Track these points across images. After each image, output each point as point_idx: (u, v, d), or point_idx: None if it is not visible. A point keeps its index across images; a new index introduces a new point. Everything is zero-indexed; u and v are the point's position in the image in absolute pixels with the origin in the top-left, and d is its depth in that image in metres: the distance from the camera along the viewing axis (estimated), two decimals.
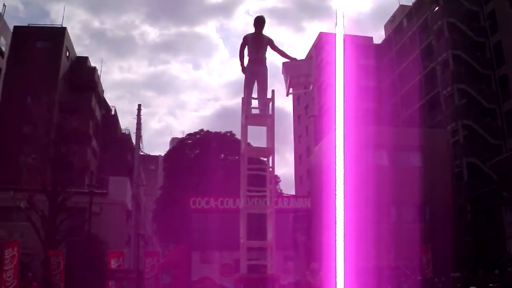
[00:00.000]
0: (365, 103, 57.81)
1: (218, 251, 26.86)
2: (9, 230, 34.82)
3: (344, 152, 8.52)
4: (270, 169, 12.38)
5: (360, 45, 66.60)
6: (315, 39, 74.55)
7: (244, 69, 12.65)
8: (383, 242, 31.64)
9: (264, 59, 12.66)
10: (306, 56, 76.63)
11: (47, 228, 32.39)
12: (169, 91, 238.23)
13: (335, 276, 11.19)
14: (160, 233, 52.28)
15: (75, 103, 42.36)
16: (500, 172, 34.47)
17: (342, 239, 7.97)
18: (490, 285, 22.30)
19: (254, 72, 12.55)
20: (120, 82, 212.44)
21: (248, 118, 12.36)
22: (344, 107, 8.47)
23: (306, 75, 12.50)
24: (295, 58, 12.78)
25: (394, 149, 39.97)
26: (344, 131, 8.64)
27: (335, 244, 8.12)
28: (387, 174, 38.21)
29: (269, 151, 12.36)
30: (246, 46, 12.50)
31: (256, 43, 12.43)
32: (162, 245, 57.14)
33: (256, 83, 12.62)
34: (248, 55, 12.57)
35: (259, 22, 12.33)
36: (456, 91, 49.53)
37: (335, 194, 8.23)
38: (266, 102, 12.53)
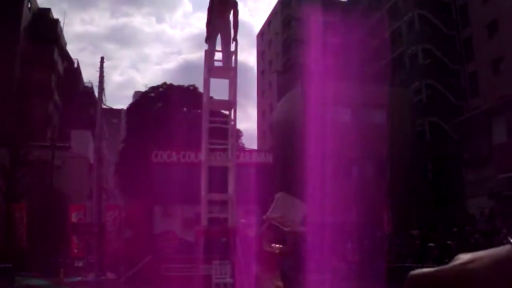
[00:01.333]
0: (329, 60, 57.78)
1: (180, 204, 26.85)
2: None
3: (307, 108, 8.51)
4: (232, 123, 12.35)
5: (326, 2, 66.29)
6: None
7: (208, 23, 12.54)
8: (345, 198, 31.94)
9: (228, 15, 12.57)
10: (272, 10, 76.11)
11: (8, 181, 32.07)
12: (132, 44, 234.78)
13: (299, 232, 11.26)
14: (122, 186, 52.09)
15: (37, 55, 41.46)
16: (462, 133, 34.86)
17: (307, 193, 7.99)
18: (448, 242, 22.68)
19: (217, 26, 12.45)
20: (82, 34, 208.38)
21: (210, 70, 12.25)
22: (309, 63, 8.41)
23: None
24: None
25: (358, 105, 40.18)
26: (308, 87, 8.60)
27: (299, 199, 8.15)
28: (350, 131, 38.49)
29: (231, 104, 12.30)
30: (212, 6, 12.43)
31: (221, 5, 12.37)
32: (125, 199, 56.95)
33: (220, 37, 12.53)
34: (213, 11, 12.48)
35: None
36: (420, 50, 49.68)
37: (298, 149, 8.23)
38: (229, 55, 12.45)
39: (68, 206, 31.69)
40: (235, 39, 12.56)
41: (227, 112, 12.93)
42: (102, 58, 38.33)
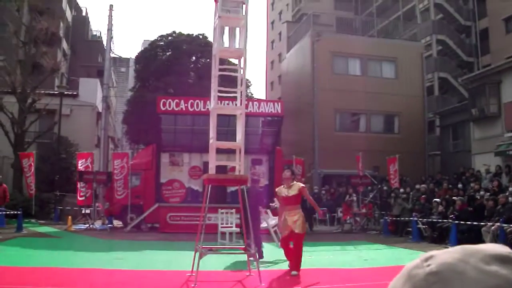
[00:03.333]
0: (340, 12, 57.19)
1: (187, 153, 26.90)
2: None
3: (316, 59, 8.42)
4: (242, 71, 12.22)
5: None
6: None
7: None
8: (352, 150, 31.98)
9: None
10: None
11: (16, 130, 32.16)
12: None
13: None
14: (130, 135, 52.11)
15: (45, 4, 41.03)
16: (471, 89, 34.58)
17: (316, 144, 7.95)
18: (453, 198, 22.72)
19: None
20: None
21: (220, 18, 12.08)
22: (317, 14, 8.25)
23: None
24: None
25: (367, 59, 39.91)
26: (317, 39, 8.48)
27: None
28: (359, 83, 38.36)
29: (241, 52, 12.17)
30: None
31: None
32: (132, 147, 57.11)
33: None
34: None
35: None
36: (432, 5, 49.04)
37: (308, 100, 8.16)
38: (239, 3, 12.29)
39: (75, 155, 31.77)
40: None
41: (236, 61, 12.77)
42: (111, 6, 38.06)
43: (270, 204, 17.05)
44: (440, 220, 21.10)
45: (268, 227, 19.44)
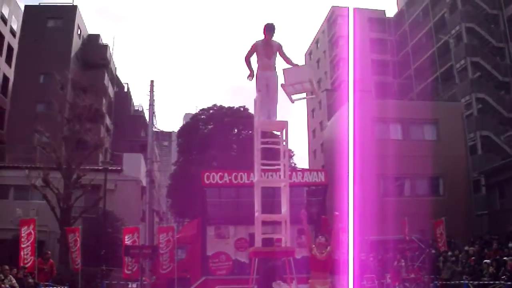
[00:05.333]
0: (378, 77, 57.64)
1: (233, 226, 26.89)
2: (25, 209, 35.26)
3: (356, 126, 8.51)
4: (284, 143, 12.40)
5: (372, 18, 66.26)
6: (327, 13, 73.94)
7: (252, 75, 12.64)
8: (398, 215, 31.65)
9: (274, 65, 12.73)
10: (319, 29, 76.29)
11: (62, 205, 32.63)
12: None
13: (347, 250, 11.22)
14: (174, 208, 52.51)
15: (88, 81, 42.33)
16: None
17: (353, 213, 7.96)
18: (504, 258, 22.25)
19: (265, 77, 12.58)
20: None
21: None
22: (356, 80, 8.43)
23: (304, 81, 12.53)
24: (297, 65, 12.81)
25: (408, 122, 39.92)
26: (356, 105, 8.61)
27: (347, 219, 8.11)
28: (401, 148, 38.20)
29: (283, 124, 12.37)
30: (255, 53, 12.55)
31: (266, 50, 12.46)
32: (177, 220, 57.39)
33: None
34: (258, 62, 12.62)
35: (269, 28, 12.34)
36: (469, 64, 49.15)
37: (347, 168, 8.23)
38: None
39: (121, 229, 32.00)
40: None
41: (278, 133, 12.97)
42: (152, 82, 38.88)
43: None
44: (492, 282, 20.65)
45: None
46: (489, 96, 46.98)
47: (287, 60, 12.71)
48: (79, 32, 57.80)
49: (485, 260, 23.20)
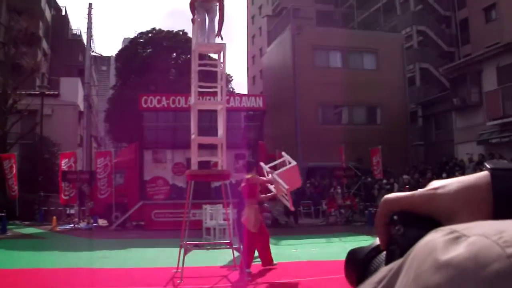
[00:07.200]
0: (320, 5, 57.26)
1: (170, 150, 26.82)
2: None
3: (297, 53, 8.41)
4: (222, 66, 12.20)
5: None
6: None
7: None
8: (335, 143, 32.02)
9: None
10: None
11: None
12: None
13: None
14: (112, 133, 51.93)
15: (24, 3, 40.75)
16: (452, 79, 34.78)
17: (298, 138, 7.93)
18: None
19: (206, 8, 12.45)
20: None
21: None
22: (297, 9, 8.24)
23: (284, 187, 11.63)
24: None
25: (348, 51, 40.06)
26: (297, 32, 8.47)
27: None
28: (340, 76, 38.39)
29: (220, 46, 12.16)
30: None
31: None
32: (115, 145, 56.89)
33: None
34: None
35: None
36: None
37: (289, 94, 8.15)
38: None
39: (58, 155, 31.59)
40: (219, 35, 12.51)
41: (216, 56, 12.76)
42: (90, 5, 37.86)
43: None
44: None
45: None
46: (429, 29, 47.25)
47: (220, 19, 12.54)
48: None
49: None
